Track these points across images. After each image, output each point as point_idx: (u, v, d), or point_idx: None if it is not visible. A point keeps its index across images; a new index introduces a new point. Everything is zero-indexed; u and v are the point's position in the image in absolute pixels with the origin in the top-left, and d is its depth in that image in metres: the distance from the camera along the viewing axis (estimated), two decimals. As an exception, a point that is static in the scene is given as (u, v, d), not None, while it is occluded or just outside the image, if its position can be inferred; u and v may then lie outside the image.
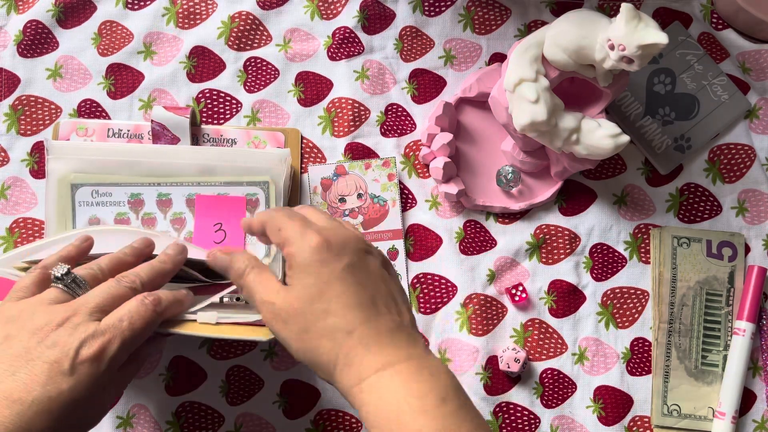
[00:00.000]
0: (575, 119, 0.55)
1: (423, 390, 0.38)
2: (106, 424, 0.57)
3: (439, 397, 0.38)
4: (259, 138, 0.60)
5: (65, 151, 0.56)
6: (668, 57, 0.64)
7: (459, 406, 0.38)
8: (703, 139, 0.63)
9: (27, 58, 0.61)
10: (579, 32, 0.52)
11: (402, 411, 0.37)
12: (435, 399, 0.37)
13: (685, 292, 0.61)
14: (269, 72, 0.62)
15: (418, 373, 0.38)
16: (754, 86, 0.64)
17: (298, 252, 0.40)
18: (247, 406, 0.59)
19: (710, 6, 0.65)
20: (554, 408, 0.60)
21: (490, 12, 0.64)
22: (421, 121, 0.62)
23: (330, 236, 0.41)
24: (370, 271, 0.41)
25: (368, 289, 0.40)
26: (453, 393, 0.38)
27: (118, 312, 0.42)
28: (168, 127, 0.58)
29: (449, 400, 0.38)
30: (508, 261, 0.61)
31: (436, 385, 0.38)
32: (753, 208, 0.63)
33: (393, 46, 0.63)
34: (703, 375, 0.61)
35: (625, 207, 0.63)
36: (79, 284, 0.43)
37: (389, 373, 0.38)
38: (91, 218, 0.56)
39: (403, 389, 0.38)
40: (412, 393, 0.37)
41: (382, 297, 0.41)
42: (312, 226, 0.42)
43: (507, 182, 0.61)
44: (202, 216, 0.57)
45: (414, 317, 0.43)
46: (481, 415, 0.39)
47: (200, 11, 0.62)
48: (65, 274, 0.43)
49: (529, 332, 0.61)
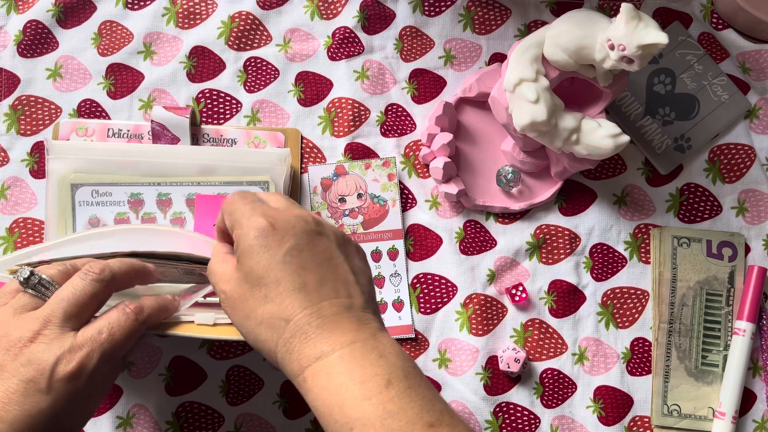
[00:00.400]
0: (575, 119, 0.55)
1: (366, 375, 0.36)
2: (106, 424, 0.57)
3: (384, 381, 0.36)
4: (259, 138, 0.60)
5: (65, 150, 0.56)
6: (668, 57, 0.64)
7: (405, 389, 0.36)
8: (703, 139, 0.63)
9: (27, 58, 0.61)
10: (579, 32, 0.52)
11: (344, 399, 0.36)
12: (379, 384, 0.36)
13: (685, 292, 0.61)
14: (269, 72, 0.62)
15: (363, 357, 0.37)
16: (754, 86, 0.64)
17: (243, 236, 0.39)
18: (247, 406, 0.59)
19: (710, 6, 0.65)
20: (554, 408, 0.60)
21: (490, 12, 0.64)
22: (421, 121, 0.62)
23: (276, 218, 0.40)
24: (317, 252, 0.40)
25: (313, 273, 0.39)
26: (400, 375, 0.37)
27: (97, 323, 0.41)
28: (168, 127, 0.58)
29: (395, 383, 0.36)
30: (508, 261, 0.61)
31: (382, 369, 0.37)
32: (753, 208, 0.63)
33: (393, 46, 0.63)
34: (703, 375, 0.61)
35: (625, 207, 0.63)
36: (45, 285, 0.41)
37: (331, 360, 0.37)
38: (91, 218, 0.56)
39: (345, 375, 0.37)
40: (354, 379, 0.36)
41: (330, 280, 0.39)
42: (260, 209, 0.40)
43: (507, 182, 0.61)
44: (201, 216, 0.57)
45: (370, 296, 0.41)
46: (435, 396, 0.37)
47: (200, 11, 0.62)
48: (28, 277, 0.41)
49: (529, 332, 0.61)
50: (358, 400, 0.36)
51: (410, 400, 0.36)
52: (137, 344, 0.50)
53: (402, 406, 0.36)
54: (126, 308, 0.42)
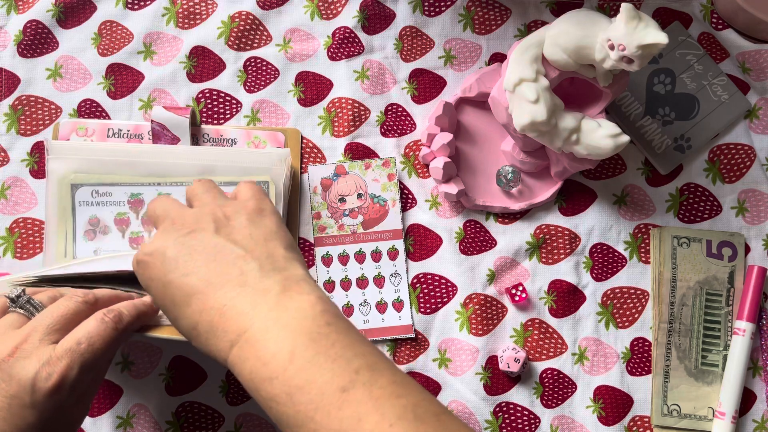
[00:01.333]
0: (575, 119, 0.55)
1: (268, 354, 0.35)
2: (106, 424, 0.57)
3: (287, 354, 0.35)
4: (259, 138, 0.60)
5: (65, 150, 0.56)
6: (668, 57, 0.64)
7: (312, 356, 0.35)
8: (703, 139, 0.63)
9: (27, 58, 0.61)
10: (579, 32, 0.52)
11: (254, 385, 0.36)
12: (282, 361, 0.35)
13: (685, 292, 0.61)
14: (269, 72, 0.62)
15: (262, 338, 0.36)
16: (754, 86, 0.64)
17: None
18: (247, 406, 0.59)
19: (710, 6, 0.65)
20: (554, 408, 0.60)
21: (490, 12, 0.64)
22: (421, 121, 0.62)
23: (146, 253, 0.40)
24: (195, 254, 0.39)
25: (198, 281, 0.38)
26: (305, 342, 0.35)
27: (75, 333, 0.40)
28: (168, 127, 0.58)
29: (298, 353, 0.35)
30: (508, 261, 0.61)
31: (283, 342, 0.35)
32: (753, 208, 0.63)
33: (393, 46, 0.63)
34: (703, 375, 0.61)
35: (625, 207, 0.63)
36: (35, 306, 0.42)
37: (235, 352, 0.37)
38: (91, 218, 0.56)
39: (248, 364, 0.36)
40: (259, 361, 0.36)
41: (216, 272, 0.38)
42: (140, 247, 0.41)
43: (507, 182, 0.61)
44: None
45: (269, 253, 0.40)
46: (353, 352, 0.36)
47: (200, 11, 0.62)
48: (18, 295, 0.42)
49: (529, 332, 0.61)
50: (264, 382, 0.35)
51: (318, 368, 0.35)
52: (132, 347, 0.50)
53: (309, 377, 0.34)
54: (105, 317, 0.41)
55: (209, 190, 0.45)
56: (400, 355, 0.60)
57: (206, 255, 0.39)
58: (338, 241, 0.60)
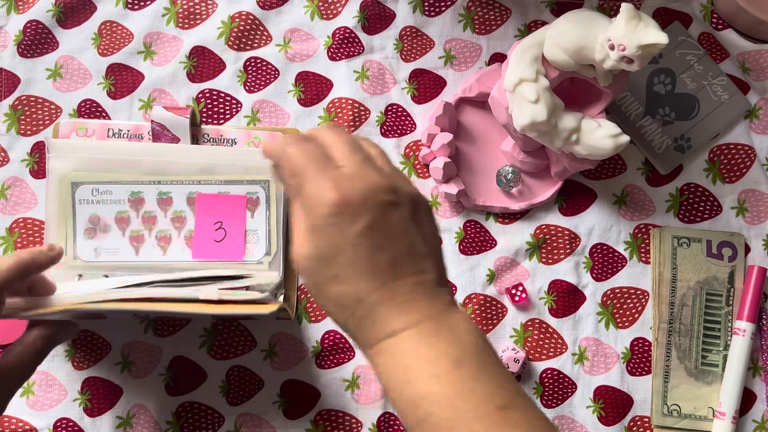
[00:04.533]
0: (575, 119, 0.55)
1: (435, 354, 0.35)
2: (106, 424, 0.58)
3: (453, 360, 0.35)
4: (259, 138, 0.60)
5: (66, 149, 0.56)
6: (668, 57, 0.64)
7: (476, 369, 0.35)
8: (703, 139, 0.63)
9: (27, 58, 0.61)
10: (579, 32, 0.52)
11: (410, 377, 0.35)
12: (448, 363, 0.35)
13: (685, 292, 0.61)
14: (269, 72, 0.62)
15: (432, 335, 0.36)
16: (754, 86, 0.64)
17: (311, 209, 0.37)
18: (247, 406, 0.59)
19: (710, 6, 0.65)
20: (554, 408, 0.60)
21: (490, 12, 0.64)
22: (421, 121, 0.62)
23: (348, 191, 0.36)
24: (390, 227, 0.37)
25: (386, 251, 0.37)
26: (471, 355, 0.36)
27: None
28: (168, 127, 0.58)
29: (465, 363, 0.35)
30: (508, 261, 0.61)
31: (452, 348, 0.36)
32: (753, 208, 0.63)
33: (393, 46, 0.63)
34: (703, 375, 0.61)
35: (625, 207, 0.63)
36: None
37: (400, 338, 0.36)
38: (91, 216, 0.56)
39: (413, 354, 0.36)
40: (421, 357, 0.36)
41: (404, 257, 0.37)
42: (330, 173, 0.37)
43: (507, 182, 0.61)
44: (202, 214, 0.57)
45: (442, 267, 0.39)
46: (507, 377, 0.36)
47: (200, 11, 0.62)
48: None
49: (529, 332, 0.61)
50: (424, 378, 0.35)
51: (480, 382, 0.35)
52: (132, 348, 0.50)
53: (471, 387, 0.35)
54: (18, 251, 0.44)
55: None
56: (400, 355, 0.59)
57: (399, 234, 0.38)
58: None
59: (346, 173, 0.37)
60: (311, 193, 0.37)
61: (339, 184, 0.36)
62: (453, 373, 0.35)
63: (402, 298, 0.37)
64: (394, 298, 0.37)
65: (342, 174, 0.37)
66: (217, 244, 0.57)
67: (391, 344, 0.36)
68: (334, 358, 0.59)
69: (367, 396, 0.59)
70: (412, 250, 0.38)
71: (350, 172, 0.37)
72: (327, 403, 0.59)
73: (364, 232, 0.36)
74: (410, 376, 0.35)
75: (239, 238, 0.57)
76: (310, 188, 0.37)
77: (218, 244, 0.57)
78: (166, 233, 0.57)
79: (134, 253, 0.57)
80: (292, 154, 0.38)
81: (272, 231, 0.57)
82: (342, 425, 0.59)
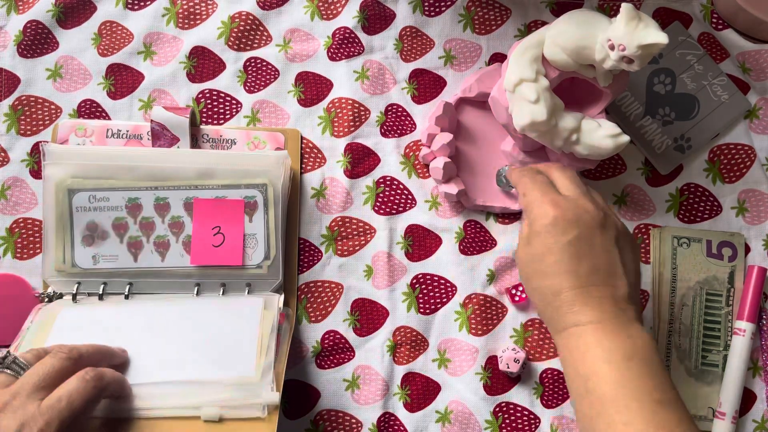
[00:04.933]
0: (575, 119, 0.54)
1: (611, 345, 0.44)
2: (106, 424, 0.57)
3: (625, 354, 0.43)
4: (258, 138, 0.60)
5: (62, 156, 0.56)
6: (668, 57, 0.64)
7: (644, 367, 0.43)
8: (703, 139, 0.63)
9: (27, 58, 0.61)
10: (579, 32, 0.52)
11: (588, 357, 0.44)
12: (620, 355, 0.43)
13: (685, 292, 0.61)
14: (269, 72, 0.62)
15: (613, 333, 0.45)
16: (754, 86, 0.64)
17: (533, 220, 0.48)
18: (247, 406, 0.59)
19: (710, 6, 0.65)
20: (554, 408, 0.60)
21: (490, 12, 0.64)
22: (421, 121, 0.62)
23: (563, 212, 0.47)
24: (595, 244, 0.47)
25: (588, 261, 0.46)
26: (641, 354, 0.44)
27: (57, 391, 0.42)
28: (168, 127, 0.58)
29: (635, 360, 0.43)
30: (508, 261, 0.61)
31: (627, 347, 0.44)
32: (753, 208, 0.63)
33: (393, 46, 0.63)
34: (703, 375, 0.61)
35: (625, 207, 0.63)
36: (20, 365, 0.44)
37: (586, 328, 0.45)
38: (89, 223, 0.56)
39: (593, 342, 0.45)
40: (600, 346, 0.44)
41: (601, 269, 0.46)
42: (549, 197, 0.48)
43: (507, 182, 0.61)
44: (200, 220, 0.57)
45: (634, 290, 0.47)
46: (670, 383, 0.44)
47: (200, 11, 0.62)
48: (4, 356, 0.44)
49: (529, 332, 0.61)
50: (599, 361, 0.44)
51: (646, 377, 0.43)
52: None
53: (636, 377, 0.43)
54: (86, 375, 0.43)
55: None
56: (400, 355, 0.59)
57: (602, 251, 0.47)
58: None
59: (565, 198, 0.48)
60: (535, 209, 0.48)
61: (558, 204, 0.48)
62: (623, 363, 0.43)
63: (593, 302, 0.46)
64: (586, 300, 0.46)
65: (562, 198, 0.48)
66: (215, 249, 0.56)
67: (577, 331, 0.46)
68: (334, 358, 0.59)
69: (367, 396, 0.59)
70: (611, 268, 0.47)
71: (569, 198, 0.48)
72: (327, 403, 0.59)
73: (571, 242, 0.47)
74: (587, 357, 0.44)
75: (238, 242, 0.57)
76: (534, 205, 0.49)
77: (217, 249, 0.56)
78: (164, 239, 0.57)
79: (132, 260, 0.56)
80: (526, 182, 0.50)
81: (271, 235, 0.57)
82: (342, 425, 0.59)
